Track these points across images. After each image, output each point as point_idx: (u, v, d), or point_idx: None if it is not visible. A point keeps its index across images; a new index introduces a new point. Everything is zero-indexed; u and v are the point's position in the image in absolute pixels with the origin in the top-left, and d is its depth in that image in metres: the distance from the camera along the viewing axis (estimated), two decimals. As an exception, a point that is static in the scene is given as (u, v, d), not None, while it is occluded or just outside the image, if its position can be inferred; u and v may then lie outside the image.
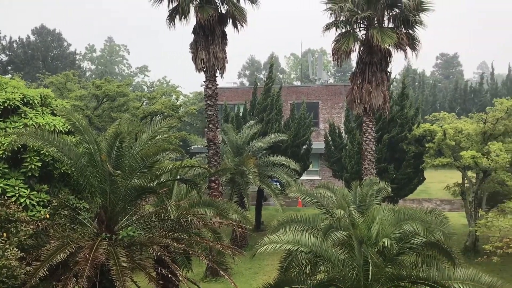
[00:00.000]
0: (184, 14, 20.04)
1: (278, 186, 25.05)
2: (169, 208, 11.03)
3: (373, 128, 21.50)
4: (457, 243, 21.66)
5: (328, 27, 21.00)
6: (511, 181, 19.70)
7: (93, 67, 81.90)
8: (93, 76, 71.72)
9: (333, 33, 21.05)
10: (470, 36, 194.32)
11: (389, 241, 9.76)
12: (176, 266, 11.55)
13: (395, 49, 20.46)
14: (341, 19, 20.62)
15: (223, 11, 20.92)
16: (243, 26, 20.82)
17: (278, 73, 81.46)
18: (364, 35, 20.83)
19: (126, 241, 11.30)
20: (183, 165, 15.28)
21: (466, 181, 22.55)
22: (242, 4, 21.00)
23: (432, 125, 22.66)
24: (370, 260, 9.16)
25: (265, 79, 30.19)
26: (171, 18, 20.71)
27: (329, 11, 20.64)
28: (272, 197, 23.91)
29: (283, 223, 13.37)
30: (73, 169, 12.17)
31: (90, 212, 12.51)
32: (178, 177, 14.42)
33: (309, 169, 31.33)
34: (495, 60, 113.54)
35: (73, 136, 12.95)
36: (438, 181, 32.86)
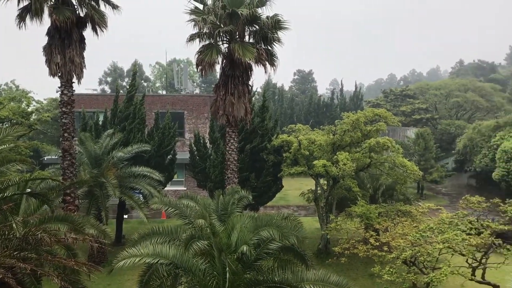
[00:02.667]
0: (37, 14, 18.41)
1: (141, 197, 24.31)
2: (14, 225, 9.99)
3: (235, 139, 22.17)
4: (311, 246, 23.33)
5: (192, 38, 21.19)
6: (356, 187, 21.83)
7: None
8: None
9: (197, 44, 21.35)
10: (324, 56, 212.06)
11: (248, 248, 10.11)
12: (23, 289, 10.50)
13: (256, 64, 21.39)
14: (204, 31, 20.98)
15: (82, 14, 19.78)
16: (103, 30, 19.88)
17: (142, 81, 79.48)
18: (226, 49, 21.45)
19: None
20: (32, 178, 13.99)
21: (318, 188, 24.38)
22: (102, 8, 20.08)
23: (289, 136, 24.11)
24: (228, 268, 9.37)
25: (128, 87, 29.22)
26: (21, 17, 18.88)
27: (193, 22, 20.86)
28: (135, 209, 23.12)
29: (144, 235, 13.04)
30: None
31: None
32: (28, 190, 13.18)
33: (174, 179, 31.00)
34: (344, 78, 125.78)
35: None
36: (295, 188, 34.96)
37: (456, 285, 18.19)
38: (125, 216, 28.20)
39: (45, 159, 36.10)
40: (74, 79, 19.71)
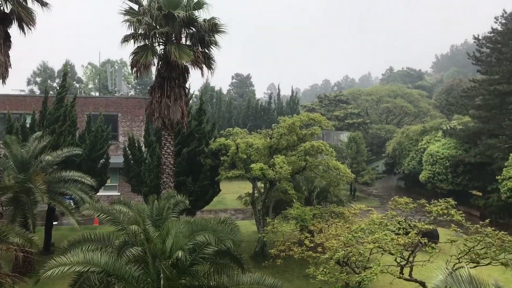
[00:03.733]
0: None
1: (72, 203, 23.27)
2: None
3: (171, 142, 21.84)
4: (248, 249, 23.43)
5: (126, 39, 20.64)
6: (292, 190, 22.22)
7: None
8: None
9: (132, 45, 20.83)
10: (262, 61, 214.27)
11: (183, 253, 9.97)
12: None
13: (193, 66, 21.20)
14: (139, 32, 20.53)
15: (7, 11, 18.66)
16: (30, 28, 18.86)
17: (74, 82, 76.41)
18: (162, 50, 21.10)
19: None
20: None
21: (256, 191, 24.56)
22: (30, 4, 19.06)
23: (227, 139, 24.11)
24: (162, 274, 9.19)
25: (58, 88, 27.92)
26: None
27: (128, 23, 20.34)
28: (65, 215, 22.08)
29: (75, 243, 12.53)
30: None
31: None
32: None
33: (107, 184, 29.99)
34: (281, 83, 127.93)
35: None
36: (233, 192, 35.01)
37: (386, 283, 18.98)
38: (55, 223, 26.88)
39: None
40: (-2, 79, 18.54)
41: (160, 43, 21.34)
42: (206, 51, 21.72)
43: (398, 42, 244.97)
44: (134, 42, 20.72)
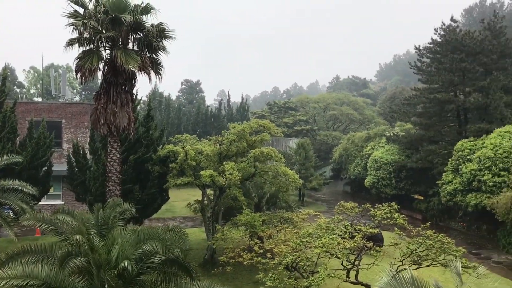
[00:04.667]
0: None
1: (11, 214, 22.14)
2: None
3: (118, 149, 21.31)
4: (198, 257, 23.22)
5: (71, 43, 19.97)
6: (242, 196, 22.25)
7: None
8: None
9: (77, 49, 20.18)
10: (213, 67, 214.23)
11: (129, 263, 9.74)
12: None
13: (140, 72, 20.80)
14: (85, 36, 19.92)
15: None
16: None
17: (15, 87, 73.06)
18: (109, 55, 20.60)
19: None
20: None
21: (205, 198, 24.39)
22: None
23: (175, 146, 23.81)
24: (107, 285, 8.93)
25: (-3, 93, 26.56)
26: None
27: (72, 27, 19.72)
28: (3, 227, 20.95)
29: (13, 255, 11.94)
30: None
31: None
32: None
33: (50, 193, 28.79)
34: (232, 90, 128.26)
35: None
36: (182, 200, 34.59)
37: (333, 287, 19.36)
38: (-8, 235, 25.49)
39: None
40: None
41: (106, 48, 20.83)
42: (154, 56, 21.41)
43: (344, 50, 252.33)
44: (79, 46, 20.07)
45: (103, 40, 20.09)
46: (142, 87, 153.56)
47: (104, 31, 19.90)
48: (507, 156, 27.06)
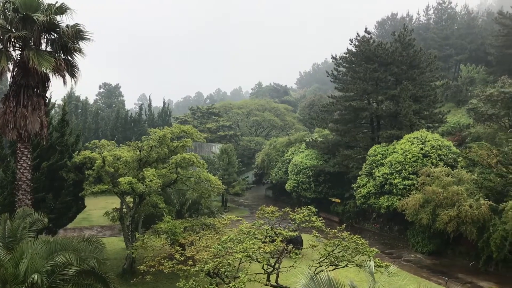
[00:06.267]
0: None
1: None
2: None
3: (29, 156, 20.03)
4: (116, 267, 22.44)
5: (-25, 41, 18.53)
6: (163, 203, 21.86)
7: None
8: None
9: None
10: (134, 70, 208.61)
11: (39, 276, 9.21)
12: None
13: (54, 74, 19.79)
14: (-9, 35, 18.57)
15: None
16: None
17: None
18: (19, 56, 19.36)
19: None
20: None
21: (124, 206, 23.64)
22: None
23: (92, 152, 22.88)
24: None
25: None
26: None
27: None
28: None
29: None
30: None
31: None
32: None
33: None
34: (154, 94, 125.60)
35: None
36: (100, 208, 33.29)
37: (255, 290, 19.60)
38: None
39: None
40: None
41: (17, 48, 19.56)
42: (70, 58, 20.47)
43: (267, 58, 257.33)
44: (-15, 46, 18.68)
45: (12, 39, 18.86)
46: (57, 90, 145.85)
47: (14, 30, 18.73)
48: (416, 160, 29.04)
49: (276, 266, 17.00)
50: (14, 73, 19.48)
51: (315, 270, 14.96)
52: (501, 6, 68.11)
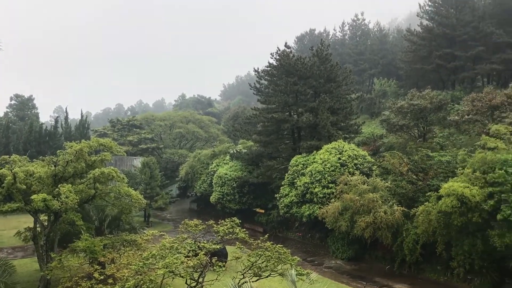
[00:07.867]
0: None
1: None
2: None
3: None
4: (30, 291, 21.02)
5: None
6: (80, 220, 20.91)
7: None
8: None
9: None
10: (49, 82, 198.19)
11: None
12: None
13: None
14: None
15: None
16: None
17: None
18: None
19: None
20: None
21: (38, 225, 22.26)
22: None
23: (1, 168, 21.37)
24: None
25: None
26: None
27: None
28: None
29: None
30: None
31: None
32: None
33: None
34: (72, 106, 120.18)
35: None
36: (11, 228, 31.17)
37: (178, 306, 19.26)
38: None
39: None
40: None
41: None
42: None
43: (191, 70, 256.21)
44: None
45: None
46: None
47: None
48: (334, 169, 30.27)
49: (200, 280, 16.86)
50: None
51: (238, 282, 15.02)
52: (409, 24, 73.53)
